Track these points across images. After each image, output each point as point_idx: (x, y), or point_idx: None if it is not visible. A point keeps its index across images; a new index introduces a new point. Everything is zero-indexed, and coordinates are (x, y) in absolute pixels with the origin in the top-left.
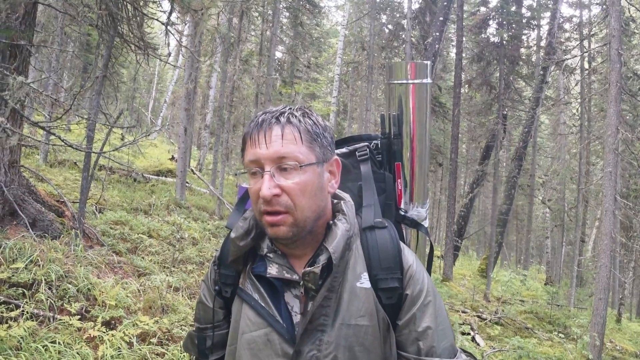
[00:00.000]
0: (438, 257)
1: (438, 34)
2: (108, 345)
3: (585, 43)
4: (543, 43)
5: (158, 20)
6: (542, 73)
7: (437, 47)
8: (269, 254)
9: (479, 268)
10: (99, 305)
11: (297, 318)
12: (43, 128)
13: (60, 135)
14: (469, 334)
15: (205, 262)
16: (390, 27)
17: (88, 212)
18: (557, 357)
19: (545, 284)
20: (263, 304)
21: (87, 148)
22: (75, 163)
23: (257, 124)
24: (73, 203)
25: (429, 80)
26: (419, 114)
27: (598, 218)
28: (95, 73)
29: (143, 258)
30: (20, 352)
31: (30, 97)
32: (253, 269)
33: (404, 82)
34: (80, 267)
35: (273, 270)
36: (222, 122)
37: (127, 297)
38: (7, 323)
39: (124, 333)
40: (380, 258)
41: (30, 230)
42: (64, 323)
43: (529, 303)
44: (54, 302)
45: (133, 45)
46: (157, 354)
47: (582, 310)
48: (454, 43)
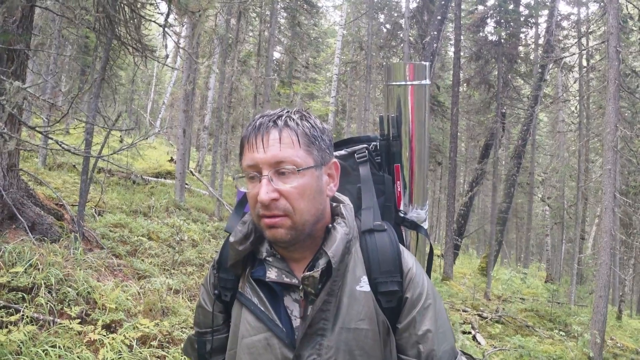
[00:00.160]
0: (438, 256)
1: (436, 33)
2: (108, 349)
3: (584, 41)
4: (541, 41)
5: (155, 23)
6: (540, 71)
7: (435, 46)
8: (268, 258)
9: (479, 266)
10: (99, 309)
11: (296, 322)
12: (41, 132)
13: (59, 139)
14: (470, 333)
15: (205, 263)
16: (388, 26)
17: (87, 215)
18: (557, 355)
19: (546, 282)
20: (262, 308)
21: (85, 152)
22: (74, 166)
23: (254, 128)
24: (72, 206)
25: (428, 82)
26: (418, 115)
27: (598, 215)
28: (93, 76)
29: (143, 260)
30: (21, 356)
31: (28, 101)
32: (252, 273)
33: (403, 83)
34: (80, 270)
35: (272, 275)
36: (220, 123)
37: (127, 300)
38: (7, 327)
39: (125, 336)
40: (380, 261)
41: (30, 234)
42: (64, 327)
43: (530, 301)
44: (54, 305)
45: (131, 48)
46: (157, 357)
47: (582, 308)
48: (452, 42)
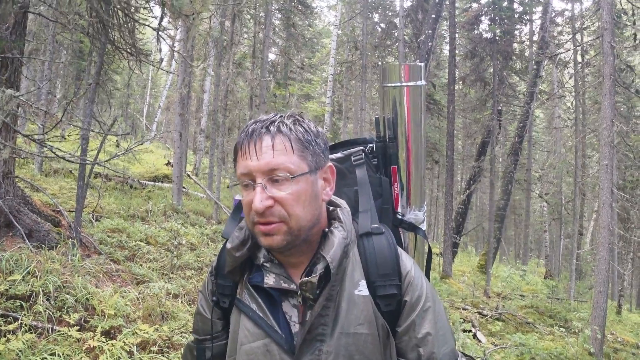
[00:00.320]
0: (437, 254)
1: (431, 32)
2: (108, 355)
3: (578, 36)
4: (536, 37)
5: (149, 27)
6: (535, 67)
7: (430, 44)
8: (266, 264)
9: (478, 264)
10: (98, 315)
11: (295, 328)
12: (35, 140)
13: (54, 146)
14: (471, 331)
15: (204, 267)
16: (383, 25)
17: (85, 220)
18: (558, 351)
19: (545, 278)
20: (261, 315)
21: (80, 159)
22: (71, 171)
23: (247, 135)
24: (69, 212)
25: (423, 82)
26: (414, 116)
27: (595, 210)
28: (88, 81)
29: (141, 265)
30: None
31: (23, 108)
32: (250, 279)
33: (398, 84)
34: (78, 276)
35: (270, 280)
36: (217, 125)
37: (126, 305)
38: (5, 336)
39: (124, 342)
40: (378, 265)
41: (27, 241)
42: (63, 334)
43: (529, 298)
44: (53, 313)
45: (125, 52)
46: None
47: (582, 303)
48: (447, 40)
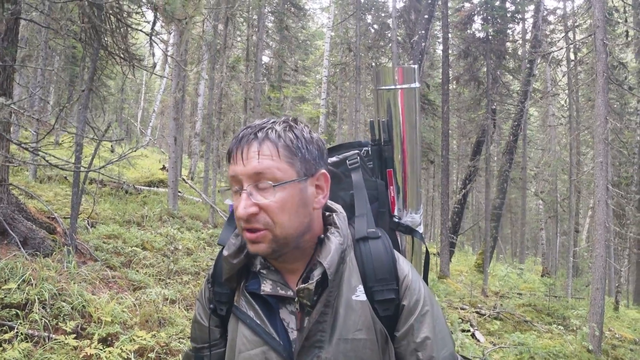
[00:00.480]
0: (434, 254)
1: (424, 32)
2: None
3: (570, 34)
4: (528, 36)
5: (142, 31)
6: (528, 66)
7: (423, 45)
8: (262, 270)
9: (476, 263)
10: (95, 322)
11: (293, 334)
12: (27, 149)
13: (48, 153)
14: (469, 331)
15: (201, 272)
16: (376, 26)
17: (80, 227)
18: (557, 350)
19: (542, 276)
20: (259, 322)
21: (74, 166)
22: (66, 178)
23: (237, 140)
24: (64, 219)
25: (417, 85)
26: (409, 118)
27: (591, 207)
28: (82, 86)
29: (138, 271)
30: None
31: (17, 116)
32: (247, 287)
33: (392, 87)
34: (74, 284)
35: (267, 288)
36: (211, 129)
37: (122, 312)
38: (1, 346)
39: (122, 349)
40: (375, 269)
41: (22, 249)
42: (60, 342)
43: (527, 296)
44: (49, 321)
45: (118, 57)
46: None
47: (579, 301)
48: (440, 40)
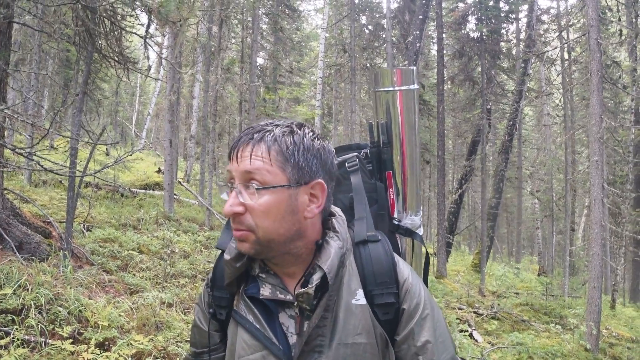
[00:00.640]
0: (431, 254)
1: (418, 32)
2: None
3: (564, 34)
4: (522, 36)
5: (136, 34)
6: (523, 66)
7: (418, 45)
8: (261, 274)
9: (472, 263)
10: (92, 327)
11: (293, 339)
12: (22, 154)
13: (43, 157)
14: (467, 331)
15: (198, 274)
16: (371, 27)
17: (76, 231)
18: (555, 349)
19: (539, 275)
20: (258, 326)
21: (69, 171)
22: (61, 181)
23: (236, 140)
24: (60, 223)
25: (416, 86)
26: (408, 119)
27: (586, 206)
28: (76, 90)
29: (134, 275)
30: None
31: (11, 120)
32: (246, 291)
33: (391, 89)
34: (71, 288)
35: (266, 292)
36: (207, 131)
37: (119, 316)
38: None
39: (119, 354)
40: (375, 273)
41: (17, 254)
42: (57, 348)
43: (524, 295)
44: (45, 326)
45: (112, 60)
46: None
47: (576, 299)
48: (435, 40)
